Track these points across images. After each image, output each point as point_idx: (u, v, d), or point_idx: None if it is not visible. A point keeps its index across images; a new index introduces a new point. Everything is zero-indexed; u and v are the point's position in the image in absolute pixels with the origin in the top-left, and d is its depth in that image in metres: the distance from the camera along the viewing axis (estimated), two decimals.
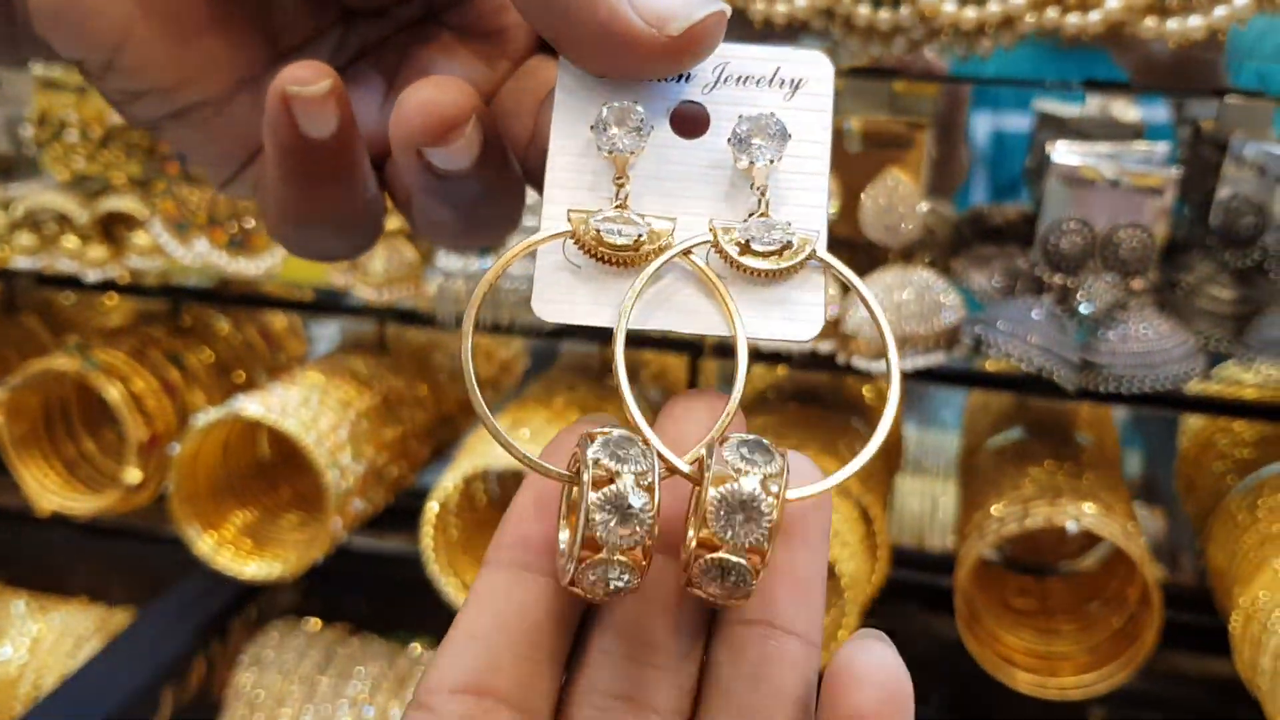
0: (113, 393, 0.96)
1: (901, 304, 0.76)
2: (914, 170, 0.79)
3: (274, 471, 1.06)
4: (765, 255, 0.27)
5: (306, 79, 0.27)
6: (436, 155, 0.28)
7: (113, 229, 0.98)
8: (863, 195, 0.78)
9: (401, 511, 0.97)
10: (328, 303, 1.00)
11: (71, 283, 1.00)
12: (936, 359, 0.77)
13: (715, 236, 0.27)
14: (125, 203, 0.95)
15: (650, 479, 0.23)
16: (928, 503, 1.21)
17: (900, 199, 0.77)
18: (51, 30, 0.29)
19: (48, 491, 1.05)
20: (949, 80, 0.91)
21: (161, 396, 1.01)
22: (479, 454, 0.87)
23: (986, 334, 0.73)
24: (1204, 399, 0.81)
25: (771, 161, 0.27)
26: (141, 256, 0.96)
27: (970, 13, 0.70)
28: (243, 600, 1.07)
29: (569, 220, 0.27)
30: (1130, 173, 0.71)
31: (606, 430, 0.24)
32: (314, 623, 1.07)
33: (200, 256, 0.94)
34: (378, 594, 1.08)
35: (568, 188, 0.28)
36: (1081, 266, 0.72)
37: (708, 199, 0.28)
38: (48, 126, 0.98)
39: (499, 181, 0.31)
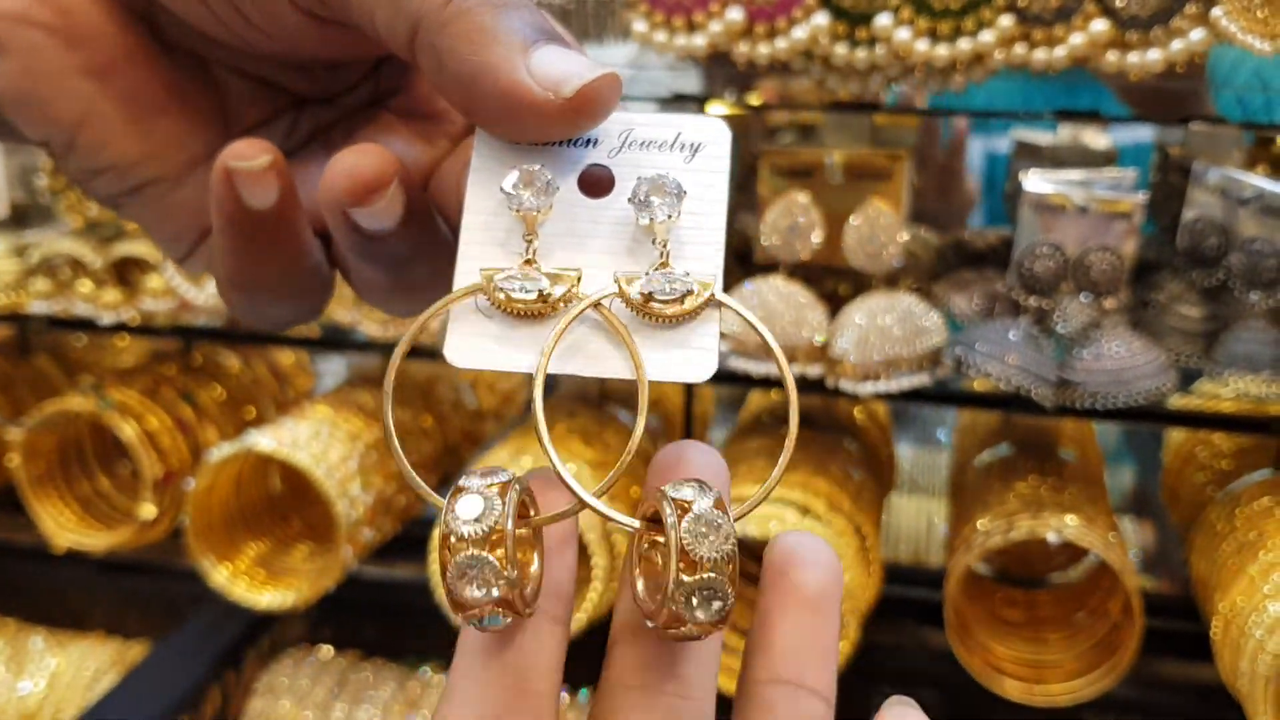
0: (128, 431, 0.99)
1: (886, 328, 0.79)
2: (895, 200, 0.83)
3: (284, 503, 1.09)
4: (667, 303, 0.29)
5: (248, 154, 0.29)
6: (361, 216, 0.30)
7: (126, 273, 1.01)
8: (846, 224, 0.81)
9: (410, 539, 1.00)
10: (334, 339, 1.03)
11: (85, 325, 1.03)
12: (921, 380, 0.80)
13: (620, 287, 0.29)
14: (138, 247, 0.99)
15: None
16: (923, 520, 1.24)
17: (882, 228, 0.81)
18: (16, 113, 0.31)
19: (63, 529, 1.08)
20: (927, 113, 0.95)
21: (175, 433, 1.04)
22: None
23: (966, 355, 0.76)
24: (1179, 412, 0.84)
25: (670, 217, 0.29)
26: (154, 298, 1.00)
27: (942, 50, 0.74)
28: (256, 630, 1.09)
29: (480, 277, 0.29)
30: (1099, 199, 0.74)
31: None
32: (326, 650, 1.10)
33: (212, 297, 0.98)
34: (388, 620, 1.10)
35: (481, 244, 0.30)
36: (1055, 289, 0.75)
37: (613, 253, 0.30)
38: (61, 176, 1.02)
39: (427, 243, 0.33)
